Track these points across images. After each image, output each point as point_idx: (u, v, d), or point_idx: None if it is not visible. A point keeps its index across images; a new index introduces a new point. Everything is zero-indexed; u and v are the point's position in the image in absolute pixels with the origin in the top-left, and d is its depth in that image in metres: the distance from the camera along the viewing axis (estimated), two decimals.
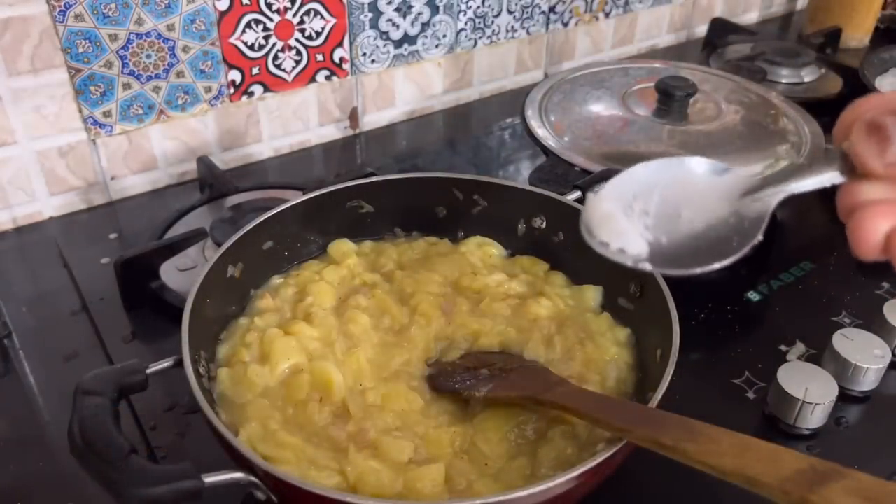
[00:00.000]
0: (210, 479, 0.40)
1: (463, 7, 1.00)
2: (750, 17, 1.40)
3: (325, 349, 0.55)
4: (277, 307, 0.59)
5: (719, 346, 0.67)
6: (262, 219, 0.60)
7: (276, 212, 0.61)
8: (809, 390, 0.56)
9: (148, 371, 0.47)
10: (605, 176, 0.67)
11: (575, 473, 0.41)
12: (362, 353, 0.54)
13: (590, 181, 0.66)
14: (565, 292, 0.62)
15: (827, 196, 0.35)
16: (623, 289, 0.59)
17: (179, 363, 0.48)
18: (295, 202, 0.63)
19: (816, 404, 0.56)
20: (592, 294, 0.61)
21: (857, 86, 1.02)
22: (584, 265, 0.62)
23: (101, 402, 0.44)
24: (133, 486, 0.39)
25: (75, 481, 0.51)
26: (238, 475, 0.42)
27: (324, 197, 0.64)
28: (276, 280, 0.62)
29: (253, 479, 0.42)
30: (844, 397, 0.60)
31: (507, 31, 1.07)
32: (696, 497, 0.53)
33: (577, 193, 0.65)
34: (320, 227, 0.65)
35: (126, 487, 0.39)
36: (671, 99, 0.86)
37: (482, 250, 0.66)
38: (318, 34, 0.91)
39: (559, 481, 0.40)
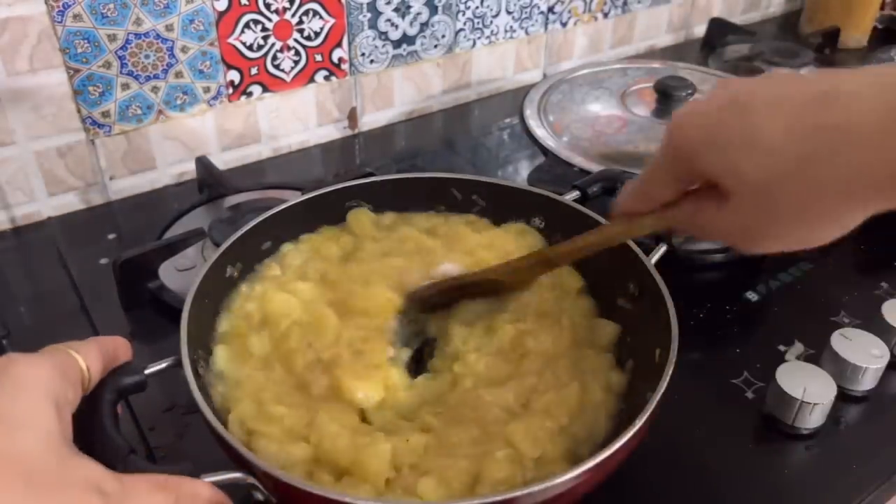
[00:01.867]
0: (209, 479, 0.40)
1: (461, 7, 1.01)
2: (748, 17, 1.40)
3: (318, 292, 0.57)
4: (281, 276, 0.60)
5: (718, 345, 0.67)
6: (260, 219, 0.60)
7: (274, 212, 0.61)
8: (808, 390, 0.56)
9: (146, 371, 0.47)
10: (604, 176, 0.67)
11: (575, 472, 0.41)
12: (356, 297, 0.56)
13: (589, 181, 0.66)
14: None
15: None
16: (622, 288, 0.58)
17: (178, 364, 0.47)
18: (294, 202, 0.63)
19: (815, 404, 0.56)
20: (576, 279, 0.61)
21: None
22: (582, 264, 0.62)
23: (99, 403, 0.44)
24: None
25: None
26: (237, 475, 0.42)
27: (323, 197, 0.64)
28: (288, 246, 0.63)
29: (251, 480, 0.42)
30: (843, 397, 0.60)
31: (506, 31, 1.07)
32: (696, 497, 0.53)
33: (576, 193, 0.64)
34: (319, 227, 0.65)
35: None
36: (670, 99, 0.86)
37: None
38: (317, 34, 0.91)
39: (559, 480, 0.40)
